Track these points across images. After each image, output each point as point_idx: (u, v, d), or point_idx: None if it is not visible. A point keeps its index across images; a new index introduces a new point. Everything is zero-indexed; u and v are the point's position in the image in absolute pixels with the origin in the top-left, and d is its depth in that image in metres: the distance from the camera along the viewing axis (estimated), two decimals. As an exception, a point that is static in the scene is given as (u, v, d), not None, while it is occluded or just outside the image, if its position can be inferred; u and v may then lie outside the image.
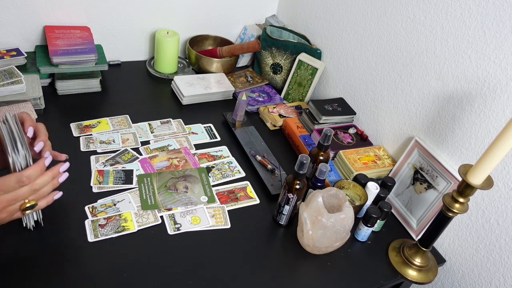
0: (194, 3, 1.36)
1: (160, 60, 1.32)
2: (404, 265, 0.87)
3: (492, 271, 0.88)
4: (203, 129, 1.15)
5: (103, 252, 0.77)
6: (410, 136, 1.03)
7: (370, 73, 1.13)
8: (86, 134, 1.02)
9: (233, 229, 0.87)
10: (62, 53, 1.10)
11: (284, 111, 1.24)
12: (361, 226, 0.90)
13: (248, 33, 1.47)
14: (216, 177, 0.99)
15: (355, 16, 1.15)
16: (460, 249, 0.94)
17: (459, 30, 0.87)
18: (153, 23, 1.34)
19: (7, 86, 0.99)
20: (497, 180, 0.84)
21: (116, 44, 1.32)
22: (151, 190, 0.91)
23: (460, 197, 0.75)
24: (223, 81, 1.31)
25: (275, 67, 1.36)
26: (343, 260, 0.87)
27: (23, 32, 1.16)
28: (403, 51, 1.02)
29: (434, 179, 0.94)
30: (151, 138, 1.06)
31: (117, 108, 1.13)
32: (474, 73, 0.85)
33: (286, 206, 0.86)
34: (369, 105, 1.15)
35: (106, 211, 0.84)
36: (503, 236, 0.85)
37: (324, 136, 0.91)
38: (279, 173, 1.03)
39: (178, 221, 0.86)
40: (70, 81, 1.13)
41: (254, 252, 0.84)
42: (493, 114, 0.83)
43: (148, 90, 1.27)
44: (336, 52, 1.25)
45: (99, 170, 0.93)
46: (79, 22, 1.22)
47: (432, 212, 0.92)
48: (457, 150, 0.92)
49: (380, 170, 1.04)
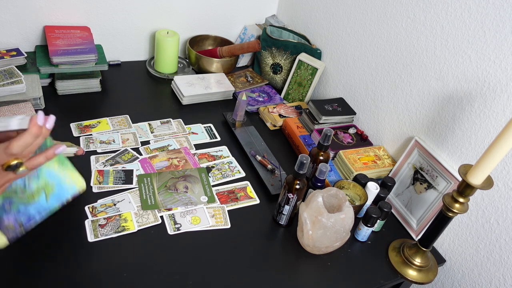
0: (194, 3, 1.36)
1: (160, 60, 1.32)
2: (404, 265, 0.87)
3: (492, 271, 0.88)
4: (203, 129, 1.15)
5: (103, 252, 0.77)
6: (410, 136, 1.03)
7: (370, 73, 1.13)
8: (86, 134, 1.02)
9: (233, 229, 0.87)
10: (62, 53, 1.10)
11: (284, 111, 1.24)
12: (361, 226, 0.90)
13: (248, 33, 1.47)
14: (216, 177, 0.99)
15: (355, 16, 1.15)
16: (460, 249, 0.94)
17: (459, 30, 0.87)
18: (153, 23, 1.34)
19: (7, 86, 0.99)
20: (497, 180, 0.84)
21: (116, 44, 1.32)
22: (151, 190, 0.91)
23: (460, 197, 0.75)
24: (223, 81, 1.31)
25: (275, 67, 1.36)
26: (343, 260, 0.87)
27: (23, 32, 1.16)
28: (403, 51, 1.02)
29: (434, 179, 0.94)
30: (151, 138, 1.06)
31: (117, 108, 1.13)
32: (474, 73, 0.85)
33: (286, 206, 0.86)
34: (369, 105, 1.15)
35: (106, 211, 0.84)
36: (503, 236, 0.85)
37: (324, 136, 0.91)
38: (279, 173, 1.03)
39: (178, 221, 0.86)
40: (70, 81, 1.13)
41: (254, 252, 0.84)
42: (493, 114, 0.83)
43: (148, 90, 1.27)
44: (336, 52, 1.25)
45: (99, 170, 0.93)
46: (79, 22, 1.22)
47: (432, 212, 0.92)
48: (457, 150, 0.92)
49: (380, 170, 1.04)
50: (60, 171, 0.70)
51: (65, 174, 0.70)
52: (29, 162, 0.58)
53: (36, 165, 0.59)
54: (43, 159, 0.59)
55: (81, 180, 0.71)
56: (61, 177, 0.70)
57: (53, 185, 0.69)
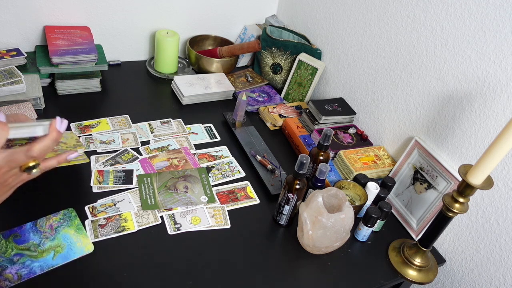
0: (194, 3, 1.36)
1: (160, 60, 1.32)
2: (404, 265, 0.87)
3: (492, 271, 0.88)
4: (203, 129, 1.15)
5: (103, 252, 0.77)
6: (410, 136, 1.03)
7: (370, 73, 1.13)
8: (86, 134, 1.02)
9: (233, 229, 0.87)
10: (62, 53, 1.10)
11: (284, 111, 1.24)
12: (361, 226, 0.90)
13: (248, 33, 1.47)
14: (216, 177, 0.99)
15: (355, 16, 1.15)
16: (460, 249, 0.94)
17: (459, 30, 0.87)
18: (153, 23, 1.34)
19: (7, 86, 0.99)
20: (497, 180, 0.84)
21: (116, 44, 1.32)
22: (151, 190, 0.91)
23: (460, 197, 0.75)
24: (223, 81, 1.31)
25: (275, 67, 1.36)
26: (343, 260, 0.87)
27: (23, 32, 1.16)
28: (403, 51, 1.02)
29: (434, 179, 0.94)
30: (151, 138, 1.06)
31: (117, 108, 1.13)
32: (474, 73, 0.85)
33: (286, 206, 0.86)
34: (369, 105, 1.15)
35: (106, 211, 0.84)
36: (503, 236, 0.85)
37: (324, 136, 0.91)
38: (279, 173, 1.03)
39: (178, 221, 0.86)
40: (70, 81, 1.13)
41: (254, 252, 0.84)
42: (493, 114, 0.83)
43: (148, 90, 1.27)
44: (336, 52, 1.25)
45: (99, 170, 0.93)
46: (79, 22, 1.22)
47: (432, 212, 0.92)
48: (457, 150, 0.92)
49: (380, 170, 1.04)
50: (75, 236, 0.77)
51: (78, 238, 0.77)
52: (43, 164, 0.61)
53: (49, 167, 0.62)
54: (55, 163, 0.63)
55: (90, 245, 0.77)
56: (74, 241, 0.77)
57: (64, 247, 0.75)
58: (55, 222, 0.78)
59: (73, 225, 0.79)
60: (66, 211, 0.81)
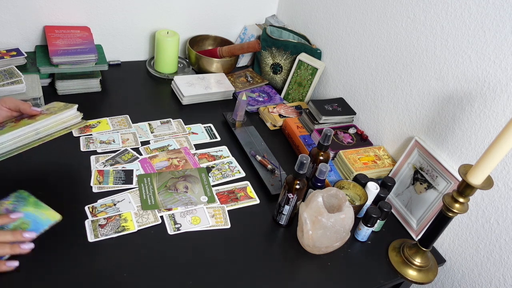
0: (194, 3, 1.36)
1: (160, 60, 1.32)
2: (404, 265, 0.87)
3: (492, 271, 0.88)
4: (203, 129, 1.15)
5: (103, 252, 0.77)
6: (410, 136, 1.03)
7: (370, 73, 1.13)
8: (86, 134, 1.02)
9: (233, 229, 0.87)
10: (62, 53, 1.10)
11: (284, 111, 1.24)
12: (361, 226, 0.90)
13: (248, 33, 1.47)
14: (216, 177, 0.99)
15: (355, 16, 1.15)
16: (460, 249, 0.94)
17: (459, 30, 0.87)
18: (153, 23, 1.34)
19: (7, 86, 0.99)
20: (497, 180, 0.84)
21: (116, 44, 1.32)
22: (151, 190, 0.91)
23: (460, 197, 0.75)
24: (223, 81, 1.31)
25: (275, 67, 1.36)
26: (343, 260, 0.87)
27: (23, 32, 1.16)
28: (403, 51, 1.02)
29: (434, 179, 0.94)
30: (151, 138, 1.06)
31: (117, 108, 1.13)
32: (474, 73, 0.85)
33: (286, 206, 0.86)
34: (369, 105, 1.15)
35: (106, 211, 0.84)
36: (503, 236, 0.85)
37: (324, 136, 0.91)
38: (279, 173, 1.03)
39: (178, 221, 0.86)
40: (70, 81, 1.13)
41: (254, 252, 0.84)
42: (493, 114, 0.83)
43: (148, 90, 1.27)
44: (336, 52, 1.25)
45: (99, 170, 0.93)
46: (79, 22, 1.22)
47: (432, 212, 0.92)
48: (457, 150, 0.92)
49: (380, 170, 1.04)
50: (35, 211, 0.78)
51: (39, 212, 0.78)
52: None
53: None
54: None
55: (55, 214, 0.79)
56: (36, 215, 0.78)
57: (29, 223, 0.76)
58: (10, 205, 0.78)
59: (30, 203, 0.79)
60: (17, 193, 0.81)
